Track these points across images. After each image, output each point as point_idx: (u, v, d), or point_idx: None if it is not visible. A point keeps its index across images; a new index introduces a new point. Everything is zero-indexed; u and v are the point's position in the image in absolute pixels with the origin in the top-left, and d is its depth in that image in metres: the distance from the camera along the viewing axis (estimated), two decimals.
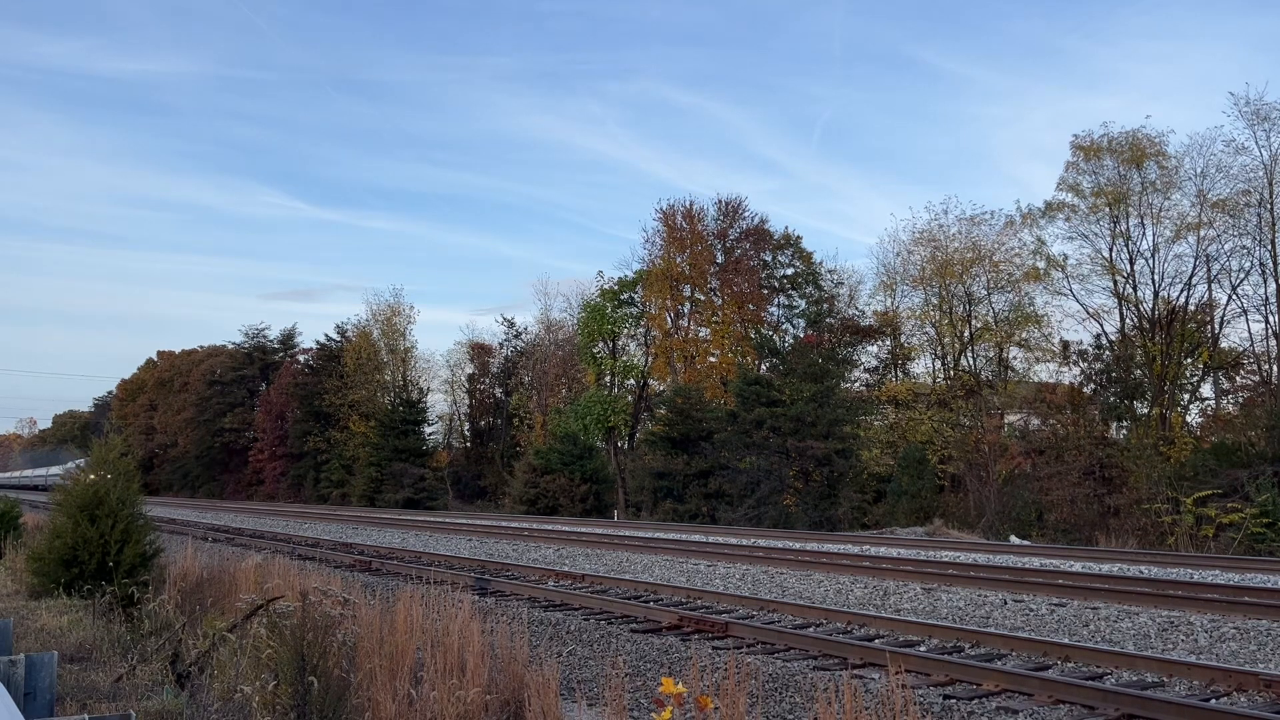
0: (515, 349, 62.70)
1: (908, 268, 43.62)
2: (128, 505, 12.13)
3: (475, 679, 6.57)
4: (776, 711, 7.55)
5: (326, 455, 62.40)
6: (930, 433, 38.19)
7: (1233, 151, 32.21)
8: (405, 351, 64.25)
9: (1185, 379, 34.22)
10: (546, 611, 12.53)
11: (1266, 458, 26.29)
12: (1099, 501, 30.34)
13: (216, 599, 10.59)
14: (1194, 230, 33.04)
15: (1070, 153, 35.90)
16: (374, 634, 7.17)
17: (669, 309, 48.96)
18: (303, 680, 5.99)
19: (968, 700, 7.66)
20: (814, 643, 9.81)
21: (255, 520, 36.75)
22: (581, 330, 52.22)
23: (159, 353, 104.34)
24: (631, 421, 51.35)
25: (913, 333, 44.66)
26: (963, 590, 13.68)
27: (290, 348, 76.70)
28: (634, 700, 7.33)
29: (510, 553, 21.55)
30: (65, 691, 7.13)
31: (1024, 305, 39.83)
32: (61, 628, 10.03)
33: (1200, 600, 11.92)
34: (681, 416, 40.78)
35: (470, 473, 62.46)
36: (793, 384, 37.93)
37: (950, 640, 10.11)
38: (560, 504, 42.76)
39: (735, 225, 48.69)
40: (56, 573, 11.85)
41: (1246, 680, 7.91)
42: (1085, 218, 35.35)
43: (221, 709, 6.60)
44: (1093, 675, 8.47)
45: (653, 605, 12.49)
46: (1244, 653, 9.62)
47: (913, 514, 33.04)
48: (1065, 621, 11.38)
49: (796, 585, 15.03)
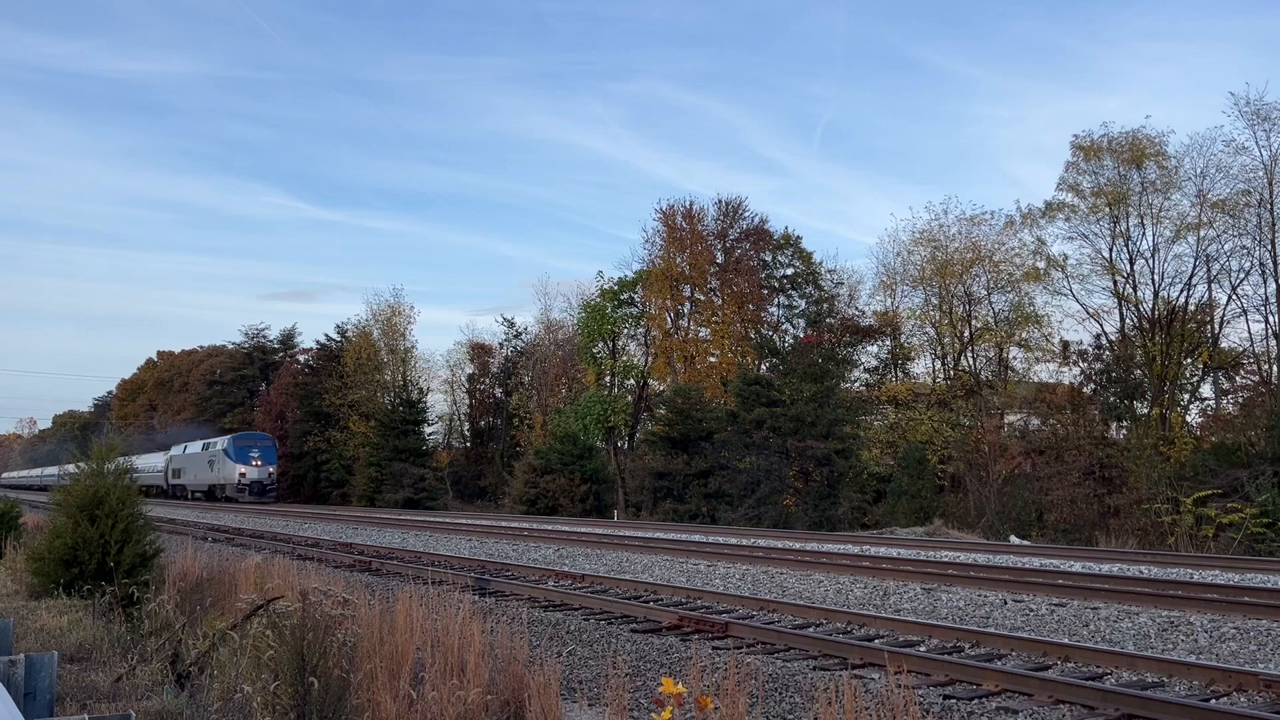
0: (515, 349, 62.71)
1: (908, 268, 43.66)
2: (128, 505, 12.13)
3: (475, 679, 6.57)
4: (776, 711, 7.55)
5: (326, 455, 62.40)
6: (930, 433, 38.20)
7: (1233, 151, 32.26)
8: (405, 351, 64.25)
9: (1185, 379, 34.24)
10: (546, 611, 12.53)
11: (1266, 458, 26.29)
12: (1099, 501, 30.34)
13: (216, 599, 10.58)
14: (1194, 230, 33.08)
15: (1070, 153, 35.97)
16: (374, 634, 7.16)
17: (669, 309, 48.96)
18: (303, 680, 5.99)
19: (968, 700, 7.66)
20: (814, 643, 9.81)
21: (255, 520, 36.74)
22: (581, 330, 52.23)
23: (159, 353, 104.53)
24: (631, 421, 51.36)
25: (913, 333, 44.69)
26: (963, 590, 13.68)
27: (290, 348, 76.70)
28: (634, 700, 7.32)
29: (510, 553, 21.55)
30: (65, 691, 7.13)
31: (1024, 305, 39.84)
32: (61, 628, 10.03)
33: (1200, 600, 11.91)
34: (681, 416, 40.78)
35: (470, 473, 62.46)
36: (793, 384, 37.94)
37: (950, 640, 10.10)
38: (560, 504, 42.76)
39: (735, 225, 48.71)
40: (56, 573, 11.85)
41: (1246, 680, 7.91)
42: (1085, 218, 35.40)
43: (221, 709, 6.59)
44: (1093, 675, 8.46)
45: (653, 605, 12.49)
46: (1244, 653, 9.62)
47: (913, 514, 33.04)
48: (1065, 621, 11.38)
49: (796, 585, 15.03)
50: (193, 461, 62.44)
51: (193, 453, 63.19)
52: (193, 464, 62.36)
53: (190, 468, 62.77)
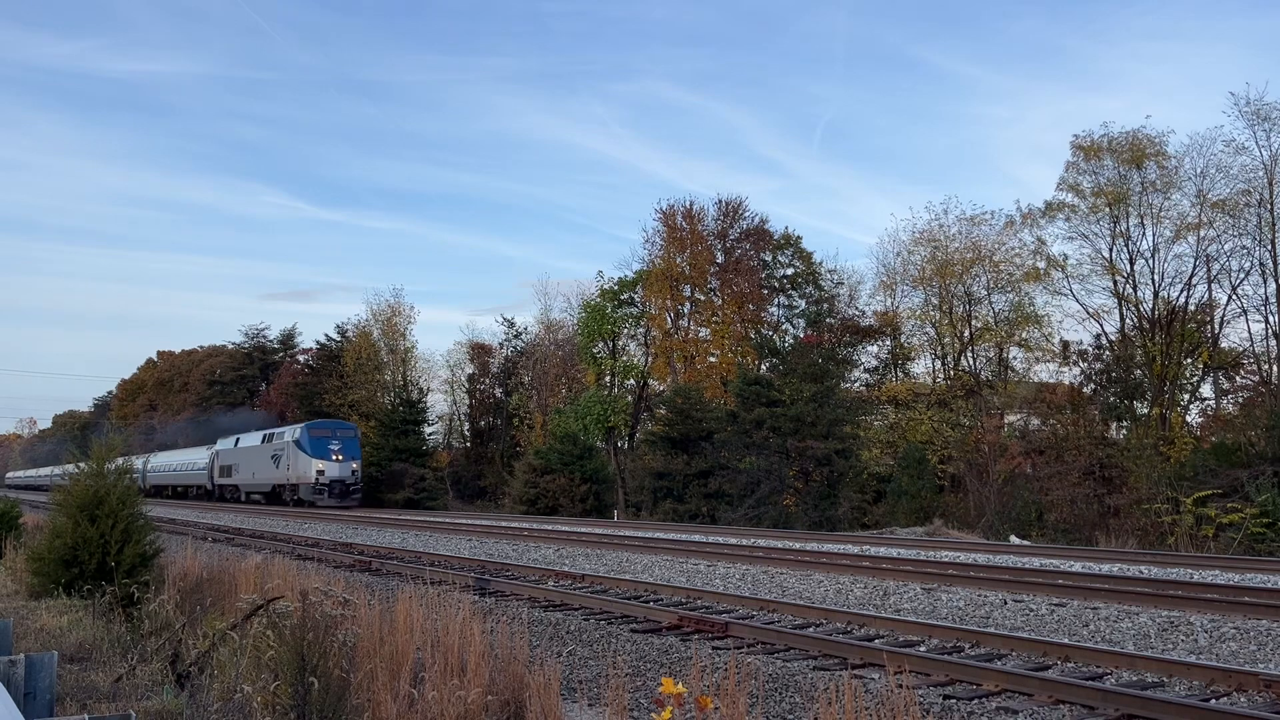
0: (515, 349, 62.69)
1: (908, 268, 43.67)
2: (128, 505, 12.13)
3: (476, 679, 6.57)
4: (776, 711, 7.55)
5: None
6: (930, 433, 38.20)
7: (1233, 151, 32.26)
8: (405, 351, 64.22)
9: (1185, 379, 34.25)
10: (546, 611, 12.53)
11: (1266, 458, 26.28)
12: (1099, 501, 30.34)
13: (216, 599, 10.58)
14: (1194, 230, 33.08)
15: (1070, 153, 35.97)
16: (374, 634, 7.17)
17: (669, 309, 48.94)
18: (303, 680, 5.99)
19: (968, 700, 7.66)
20: (814, 643, 9.81)
21: (255, 520, 36.74)
22: (581, 330, 52.20)
23: (159, 353, 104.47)
24: (631, 421, 51.35)
25: (913, 333, 44.70)
26: (963, 590, 13.68)
27: (290, 348, 76.70)
28: (634, 700, 7.32)
29: (510, 553, 21.55)
30: (65, 691, 7.13)
31: (1024, 305, 39.85)
32: (61, 628, 10.03)
33: (1200, 600, 11.91)
34: (681, 416, 40.77)
35: (470, 473, 62.42)
36: (793, 384, 37.93)
37: (950, 640, 10.11)
38: (560, 504, 42.75)
39: (735, 225, 48.70)
40: (56, 573, 11.85)
41: (1246, 680, 7.91)
42: (1085, 218, 35.40)
43: (221, 709, 6.59)
44: (1093, 675, 8.46)
45: (653, 605, 12.49)
46: (1244, 653, 9.62)
47: (912, 514, 33.03)
48: (1065, 621, 11.38)
49: (796, 585, 15.03)
50: (249, 457, 52.86)
51: (249, 446, 53.46)
52: (249, 459, 52.84)
53: (246, 464, 53.33)
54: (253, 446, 52.92)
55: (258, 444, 52.41)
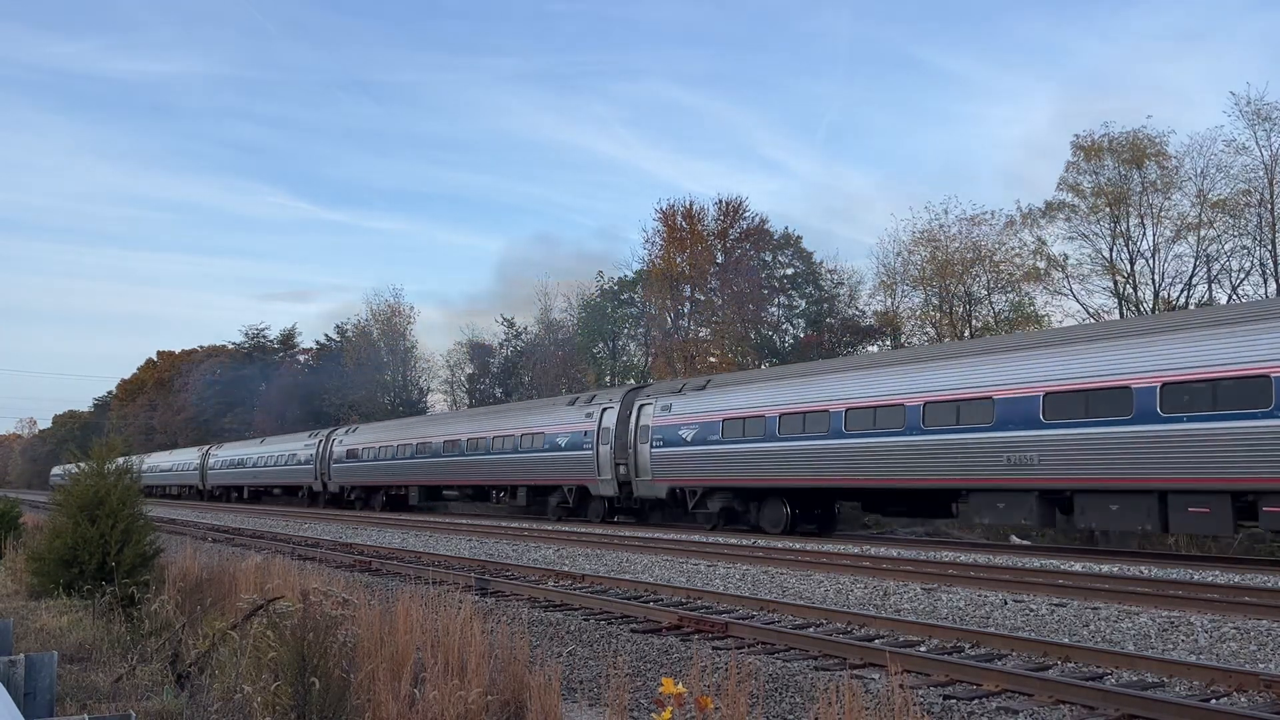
0: (515, 349, 62.69)
1: (908, 268, 43.59)
2: (128, 505, 12.13)
3: (476, 679, 6.57)
4: (776, 711, 7.55)
5: None
6: None
7: (1233, 151, 32.19)
8: (405, 351, 64.22)
9: None
10: (547, 611, 12.53)
11: None
12: None
13: (216, 599, 10.58)
14: (1194, 230, 33.04)
15: (1070, 153, 35.90)
16: (374, 634, 7.17)
17: (669, 309, 48.93)
18: (303, 680, 5.99)
19: (968, 700, 7.66)
20: (814, 643, 9.81)
21: (255, 520, 36.73)
22: (581, 330, 52.18)
23: (159, 353, 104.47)
24: None
25: (913, 333, 44.60)
26: (963, 590, 13.67)
27: (290, 347, 76.77)
28: (634, 700, 7.32)
29: (510, 553, 21.54)
30: (65, 692, 7.13)
31: (1024, 305, 39.79)
32: (61, 628, 10.03)
33: (1200, 600, 11.91)
34: None
35: None
36: None
37: (950, 640, 10.10)
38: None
39: (735, 225, 48.67)
40: (56, 573, 11.86)
41: (1247, 680, 7.91)
42: (1085, 218, 35.36)
43: (221, 709, 6.59)
44: (1093, 675, 8.46)
45: (653, 605, 12.49)
46: (1244, 653, 9.61)
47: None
48: (1065, 621, 11.37)
49: (796, 585, 15.03)
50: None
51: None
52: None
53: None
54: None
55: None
